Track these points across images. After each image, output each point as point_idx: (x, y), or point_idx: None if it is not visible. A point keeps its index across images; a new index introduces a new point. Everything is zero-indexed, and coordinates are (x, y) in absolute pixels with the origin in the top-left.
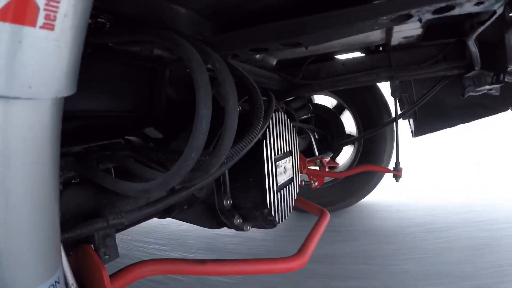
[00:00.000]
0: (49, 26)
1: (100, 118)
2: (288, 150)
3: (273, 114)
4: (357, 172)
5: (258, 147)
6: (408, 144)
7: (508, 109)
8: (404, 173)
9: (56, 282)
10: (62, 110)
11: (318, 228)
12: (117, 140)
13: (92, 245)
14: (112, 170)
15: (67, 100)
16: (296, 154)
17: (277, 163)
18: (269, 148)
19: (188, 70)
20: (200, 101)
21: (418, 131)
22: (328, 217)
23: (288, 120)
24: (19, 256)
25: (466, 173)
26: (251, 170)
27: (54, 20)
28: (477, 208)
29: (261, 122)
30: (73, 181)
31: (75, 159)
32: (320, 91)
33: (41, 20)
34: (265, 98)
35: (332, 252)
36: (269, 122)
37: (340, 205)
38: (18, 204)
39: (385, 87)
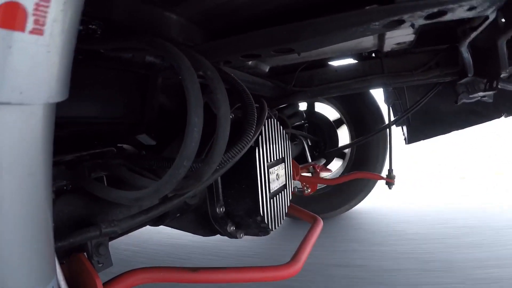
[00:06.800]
0: (38, 31)
1: (92, 125)
2: (280, 157)
3: (266, 121)
4: (350, 179)
5: (250, 154)
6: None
7: (501, 116)
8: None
9: None
10: (54, 116)
11: (311, 235)
12: (109, 149)
13: (85, 254)
14: (105, 179)
15: (59, 107)
16: (289, 161)
17: (269, 170)
18: (262, 155)
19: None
20: (191, 109)
21: (411, 138)
22: (321, 224)
23: (281, 127)
24: (13, 266)
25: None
26: (243, 177)
27: (43, 25)
28: None
29: (254, 130)
30: (65, 189)
31: (67, 168)
32: (313, 98)
33: (30, 25)
34: (258, 105)
35: None
36: (262, 129)
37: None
38: (10, 212)
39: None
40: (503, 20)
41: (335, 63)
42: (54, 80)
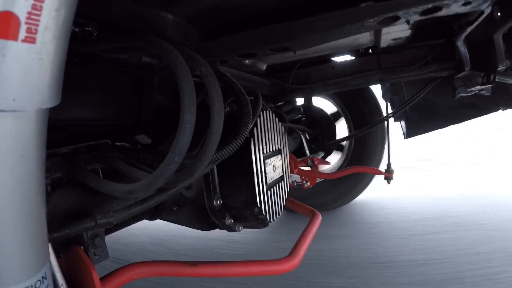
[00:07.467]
0: (30, 39)
1: (89, 126)
2: (277, 148)
3: (261, 112)
4: (348, 173)
5: (246, 145)
6: None
7: (499, 109)
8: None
9: (43, 277)
10: (47, 121)
11: (309, 229)
12: (104, 141)
13: (81, 246)
14: (100, 171)
15: (56, 109)
16: (286, 152)
17: (266, 161)
18: (257, 146)
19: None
20: (184, 106)
21: (409, 133)
22: (319, 218)
23: (277, 119)
24: (4, 252)
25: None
26: (239, 168)
27: (36, 33)
28: None
29: (248, 127)
30: (61, 182)
31: (63, 160)
32: (311, 95)
33: (22, 33)
34: (252, 98)
35: None
36: (257, 121)
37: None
38: (3, 210)
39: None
40: (499, 13)
41: (335, 59)
42: (46, 86)
